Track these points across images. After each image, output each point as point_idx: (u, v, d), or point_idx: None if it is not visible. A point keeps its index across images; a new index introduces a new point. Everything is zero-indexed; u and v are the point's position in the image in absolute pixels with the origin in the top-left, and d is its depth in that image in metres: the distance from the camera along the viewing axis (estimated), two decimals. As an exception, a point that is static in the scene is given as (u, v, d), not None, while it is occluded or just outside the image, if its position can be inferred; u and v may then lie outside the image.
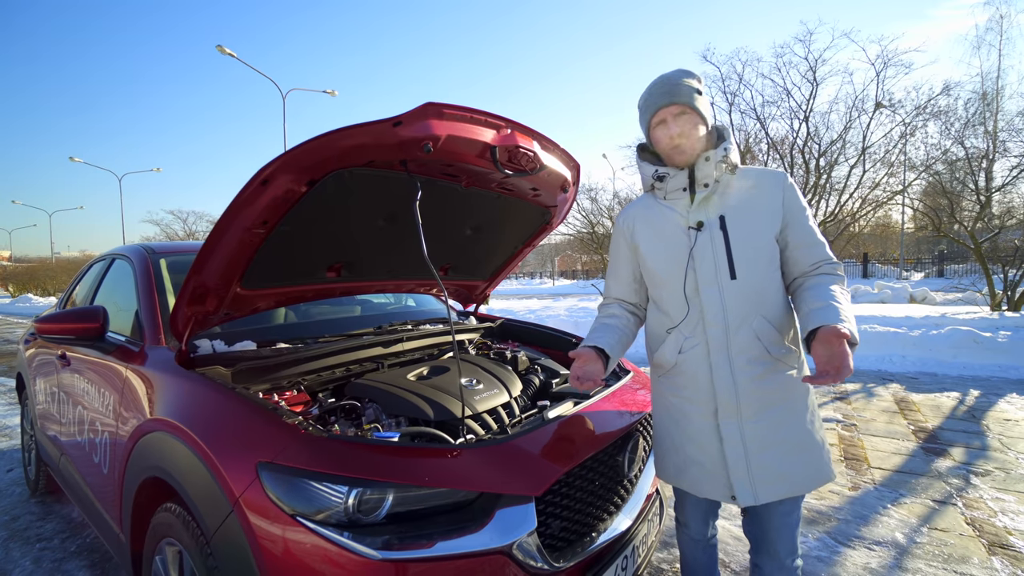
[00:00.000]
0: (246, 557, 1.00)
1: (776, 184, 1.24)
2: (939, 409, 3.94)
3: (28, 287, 33.34)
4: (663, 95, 1.23)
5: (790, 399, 1.21)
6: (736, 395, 1.19)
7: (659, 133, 1.25)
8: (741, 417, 1.19)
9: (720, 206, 1.24)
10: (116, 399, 1.63)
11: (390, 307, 2.65)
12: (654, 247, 1.30)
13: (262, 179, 1.22)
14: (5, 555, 2.22)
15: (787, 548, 1.24)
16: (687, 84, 1.22)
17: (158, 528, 1.28)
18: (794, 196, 1.24)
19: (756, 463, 1.18)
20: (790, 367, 1.21)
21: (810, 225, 1.25)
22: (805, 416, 1.22)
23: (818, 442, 1.22)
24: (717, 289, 1.20)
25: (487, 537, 1.03)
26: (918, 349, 5.71)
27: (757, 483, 1.18)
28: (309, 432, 1.10)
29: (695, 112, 1.21)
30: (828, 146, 10.39)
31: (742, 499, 1.19)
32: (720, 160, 1.21)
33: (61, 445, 2.17)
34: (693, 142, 1.22)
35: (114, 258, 2.36)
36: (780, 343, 1.20)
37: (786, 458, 1.19)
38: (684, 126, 1.21)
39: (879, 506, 2.41)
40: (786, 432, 1.19)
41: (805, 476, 1.20)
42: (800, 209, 1.24)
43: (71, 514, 2.59)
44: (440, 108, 1.29)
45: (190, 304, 1.42)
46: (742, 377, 1.18)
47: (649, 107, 1.26)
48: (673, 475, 1.33)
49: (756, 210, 1.22)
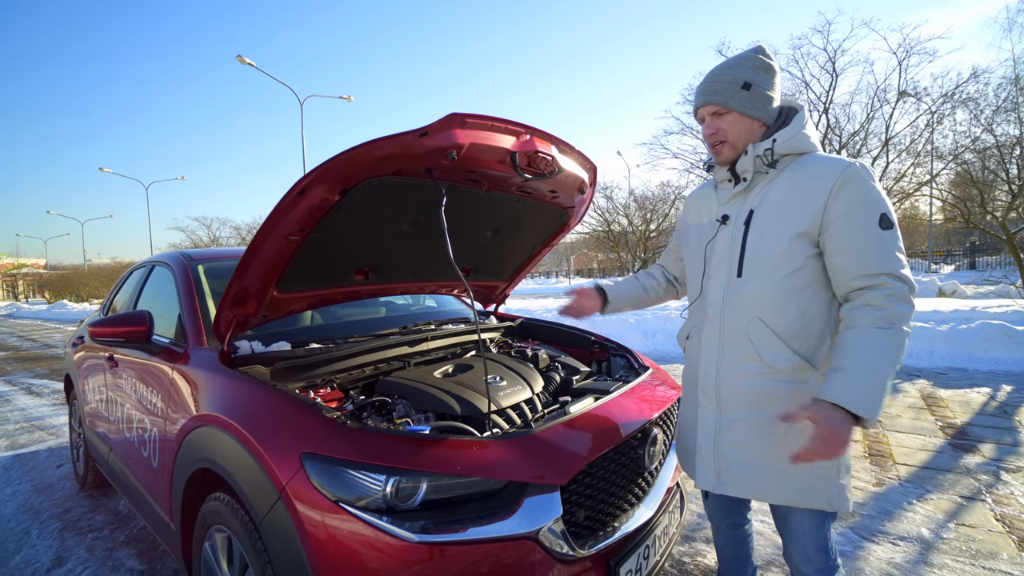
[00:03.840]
0: (293, 540, 1.08)
1: (827, 179, 1.08)
2: (968, 405, 3.86)
3: (63, 294, 34.76)
4: (700, 92, 1.21)
5: (781, 408, 1.11)
6: (717, 388, 1.22)
7: (704, 130, 1.24)
8: (720, 410, 1.22)
9: (757, 199, 1.18)
10: (163, 397, 1.75)
11: (413, 308, 2.74)
12: (690, 231, 1.37)
13: (299, 190, 1.30)
14: (61, 544, 2.37)
15: (802, 556, 1.22)
16: (730, 77, 1.17)
17: (208, 516, 1.38)
18: (848, 194, 1.07)
19: (723, 454, 1.22)
20: (791, 378, 1.13)
21: (860, 228, 1.06)
22: (793, 433, 1.09)
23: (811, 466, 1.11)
24: (723, 284, 1.22)
25: (516, 523, 1.09)
26: (947, 344, 5.57)
27: (722, 472, 1.22)
28: (348, 425, 1.18)
29: (734, 111, 1.17)
30: (850, 137, 10.17)
31: (700, 481, 1.27)
32: (759, 155, 1.15)
33: (110, 441, 2.31)
34: (734, 140, 1.18)
35: (154, 265, 2.50)
36: (777, 350, 1.13)
37: (758, 462, 1.17)
38: (720, 125, 1.19)
39: (904, 502, 2.40)
40: (765, 438, 1.15)
41: (781, 488, 1.16)
42: (850, 211, 1.06)
43: (118, 506, 2.74)
44: (463, 118, 1.36)
45: (232, 307, 1.51)
46: (730, 373, 1.19)
47: (694, 103, 1.25)
48: (679, 455, 1.43)
49: (788, 208, 1.13)
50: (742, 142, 1.19)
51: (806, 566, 1.22)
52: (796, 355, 1.13)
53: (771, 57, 1.20)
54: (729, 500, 1.43)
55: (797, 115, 1.17)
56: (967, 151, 9.89)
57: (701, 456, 1.27)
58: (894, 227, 1.08)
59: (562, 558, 1.14)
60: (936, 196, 11.92)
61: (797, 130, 1.14)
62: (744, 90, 1.16)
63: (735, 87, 1.17)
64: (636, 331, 7.23)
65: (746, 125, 1.18)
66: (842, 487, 1.15)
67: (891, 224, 1.07)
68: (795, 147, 1.14)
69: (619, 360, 2.19)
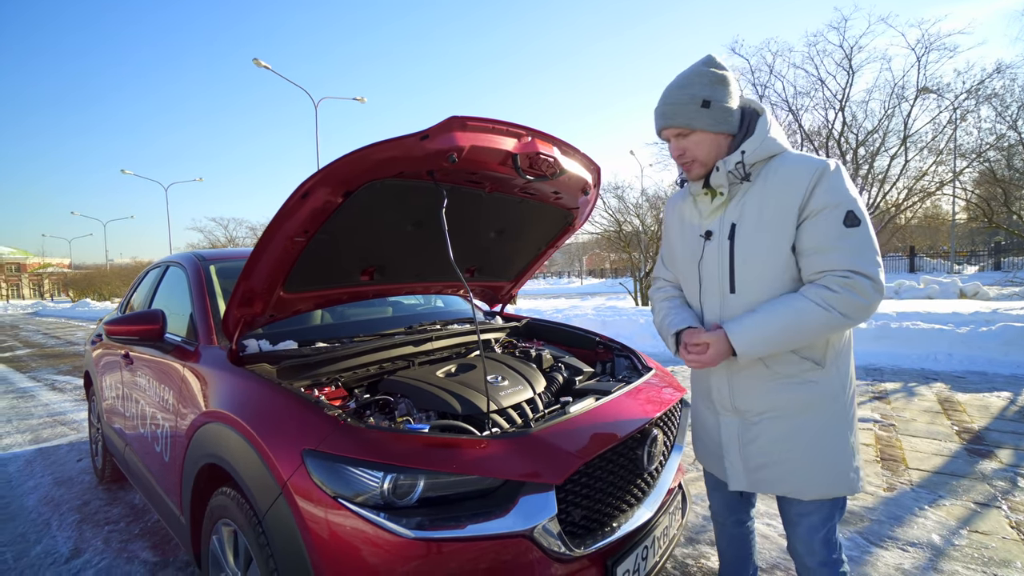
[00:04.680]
0: (294, 534, 1.11)
1: (804, 178, 1.09)
2: (987, 409, 3.77)
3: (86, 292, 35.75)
4: (660, 116, 1.20)
5: (796, 410, 1.17)
6: (732, 399, 1.25)
7: (671, 150, 1.25)
8: (741, 416, 1.25)
9: (737, 211, 1.18)
10: (174, 394, 1.80)
11: (420, 308, 2.77)
12: (677, 243, 1.38)
13: (303, 192, 1.33)
14: (79, 535, 2.45)
15: (807, 548, 1.24)
16: (687, 97, 1.15)
17: (215, 510, 1.42)
18: (824, 191, 1.07)
19: (751, 456, 1.24)
20: (801, 379, 1.17)
21: (826, 228, 1.07)
22: (822, 428, 1.17)
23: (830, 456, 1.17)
24: (718, 302, 1.24)
25: (510, 521, 1.10)
26: (966, 347, 5.43)
27: (752, 472, 1.24)
28: (348, 423, 1.21)
29: (697, 130, 1.17)
30: (867, 135, 9.97)
31: (732, 484, 1.29)
32: (730, 170, 1.16)
33: (125, 436, 2.38)
34: (703, 158, 1.19)
35: (168, 265, 2.56)
36: (783, 357, 1.16)
37: (786, 460, 1.20)
38: (686, 146, 1.19)
39: (915, 507, 2.36)
40: (788, 438, 1.19)
41: (810, 481, 1.19)
42: (824, 207, 1.07)
43: (133, 500, 2.82)
44: (464, 121, 1.38)
45: (239, 307, 1.55)
46: (742, 385, 1.23)
47: (656, 125, 1.24)
48: (697, 451, 1.47)
49: (768, 217, 1.13)
50: (712, 158, 1.20)
51: (810, 558, 1.23)
52: (802, 358, 1.17)
53: (723, 67, 1.19)
54: (736, 498, 1.44)
55: (760, 120, 1.17)
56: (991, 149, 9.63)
57: (729, 460, 1.29)
58: (862, 223, 1.07)
59: (558, 557, 1.15)
60: (959, 196, 11.62)
61: (763, 137, 1.15)
62: (704, 108, 1.15)
63: (695, 106, 1.15)
64: (646, 332, 7.19)
65: (712, 140, 1.18)
66: (857, 470, 1.20)
67: (858, 221, 1.07)
68: (764, 153, 1.15)
69: (623, 361, 2.19)
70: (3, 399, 5.63)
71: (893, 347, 5.73)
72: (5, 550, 2.34)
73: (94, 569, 2.15)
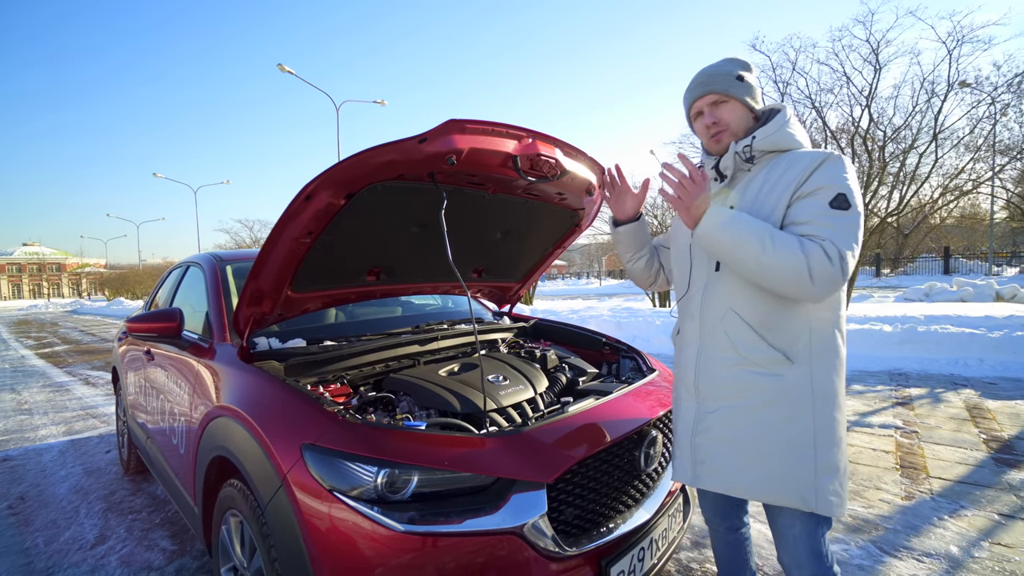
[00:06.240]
0: (292, 526, 1.15)
1: (805, 164, 1.10)
2: (1019, 417, 3.60)
3: (121, 291, 37.23)
4: (698, 85, 1.25)
5: (758, 403, 1.14)
6: (696, 380, 1.24)
7: (698, 125, 1.28)
8: (699, 402, 1.24)
9: (737, 196, 1.20)
10: (190, 389, 1.87)
11: (429, 307, 2.81)
12: (677, 223, 1.40)
13: (305, 195, 1.37)
14: (104, 523, 2.57)
15: (793, 560, 1.20)
16: (724, 71, 1.22)
17: (224, 501, 1.47)
18: (820, 174, 1.08)
19: (700, 447, 1.23)
20: (767, 370, 1.13)
21: (820, 205, 1.06)
22: (779, 425, 1.12)
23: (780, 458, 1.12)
24: (703, 279, 1.25)
25: (501, 518, 1.12)
26: (999, 352, 5.21)
27: (697, 465, 1.23)
28: (346, 419, 1.24)
29: (734, 99, 1.21)
30: (896, 131, 9.62)
31: (676, 475, 1.30)
32: (738, 152, 1.19)
33: (147, 430, 2.48)
34: (735, 127, 1.22)
35: (189, 265, 2.67)
36: (752, 342, 1.14)
37: (732, 455, 1.17)
38: (720, 114, 1.21)
39: (934, 517, 2.28)
40: (740, 431, 1.16)
41: (755, 482, 1.15)
42: (818, 188, 1.07)
43: (155, 491, 2.94)
44: (462, 124, 1.40)
45: (249, 306, 1.61)
46: (709, 365, 1.21)
47: (687, 99, 1.29)
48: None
49: (763, 201, 1.15)
50: (741, 130, 1.23)
51: (797, 571, 1.20)
52: (771, 348, 1.14)
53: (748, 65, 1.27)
54: (725, 503, 1.42)
55: (779, 114, 1.21)
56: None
57: (680, 448, 1.29)
58: (851, 209, 1.07)
59: (549, 555, 1.16)
60: (997, 196, 11.12)
61: (777, 127, 1.18)
62: (739, 81, 1.22)
63: (731, 78, 1.22)
64: (662, 334, 7.11)
65: (743, 113, 1.23)
66: (820, 488, 1.10)
67: (848, 205, 1.06)
68: (776, 144, 1.18)
69: (628, 362, 2.18)
70: (41, 393, 5.92)
71: (920, 351, 5.54)
72: (38, 535, 2.47)
73: (117, 556, 2.25)
